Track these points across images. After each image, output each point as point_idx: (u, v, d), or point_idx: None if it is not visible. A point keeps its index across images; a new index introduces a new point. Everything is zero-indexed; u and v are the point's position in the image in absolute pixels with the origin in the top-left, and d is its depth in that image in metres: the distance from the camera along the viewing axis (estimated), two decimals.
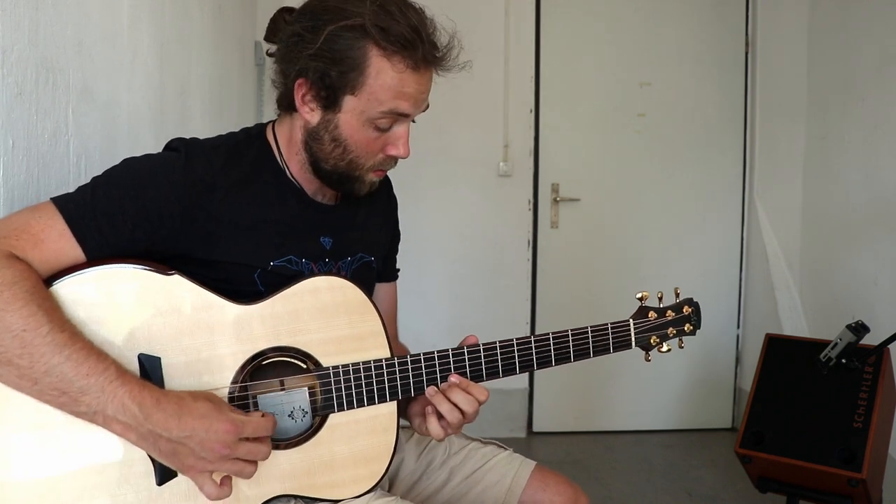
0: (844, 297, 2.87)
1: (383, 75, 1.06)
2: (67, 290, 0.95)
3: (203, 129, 2.02)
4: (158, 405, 0.91)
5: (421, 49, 1.06)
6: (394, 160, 1.16)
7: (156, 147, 1.20)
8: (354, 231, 1.24)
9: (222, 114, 2.31)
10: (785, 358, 2.20)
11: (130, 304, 0.98)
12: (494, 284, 3.45)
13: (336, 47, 1.05)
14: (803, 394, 2.10)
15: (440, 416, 1.14)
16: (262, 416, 0.99)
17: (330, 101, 1.08)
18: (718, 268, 3.56)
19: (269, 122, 1.22)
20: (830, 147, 3.06)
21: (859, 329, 1.94)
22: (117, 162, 1.07)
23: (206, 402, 0.95)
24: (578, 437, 3.47)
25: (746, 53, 3.49)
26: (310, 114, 1.11)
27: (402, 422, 1.19)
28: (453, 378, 1.14)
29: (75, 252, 0.97)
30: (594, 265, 3.52)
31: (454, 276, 3.44)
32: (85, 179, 1.21)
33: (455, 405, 1.13)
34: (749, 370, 3.36)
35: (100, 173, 1.05)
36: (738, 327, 3.58)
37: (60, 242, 0.96)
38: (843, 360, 1.98)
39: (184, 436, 0.92)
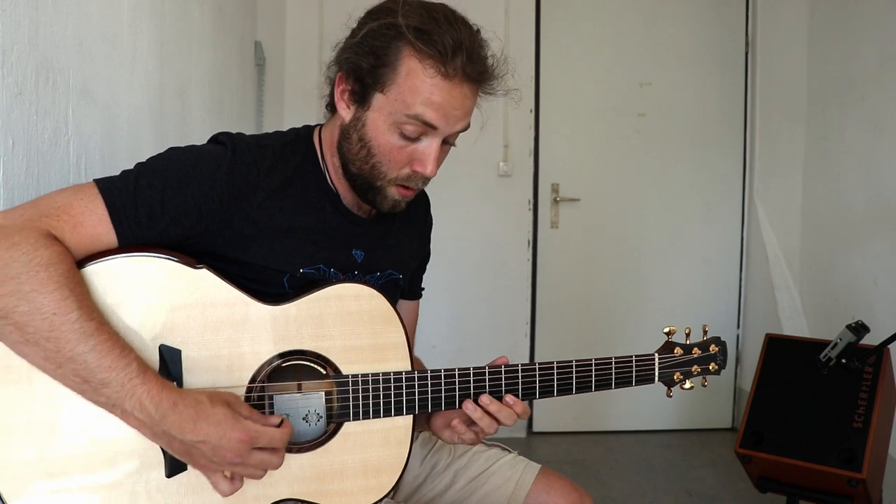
0: (844, 297, 2.87)
1: (413, 77, 1.04)
2: (97, 274, 0.95)
3: (203, 129, 2.02)
4: (175, 408, 0.91)
5: (457, 60, 1.04)
6: (421, 178, 1.12)
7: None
8: (386, 247, 1.24)
9: (222, 114, 2.31)
10: (785, 358, 2.19)
11: (156, 294, 0.98)
12: (494, 284, 3.45)
13: (373, 42, 1.05)
14: (803, 394, 2.10)
15: (471, 423, 1.15)
16: (281, 422, 0.98)
17: (361, 96, 1.08)
18: (718, 268, 3.56)
19: (317, 125, 1.21)
20: (830, 147, 3.06)
21: (859, 329, 1.94)
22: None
23: (223, 406, 0.94)
24: (578, 437, 3.47)
25: (746, 53, 3.49)
26: (345, 110, 1.11)
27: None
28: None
29: (110, 238, 0.97)
30: (594, 265, 3.52)
31: (454, 276, 3.43)
32: (85, 179, 1.21)
33: (496, 419, 1.14)
34: (749, 370, 3.36)
35: (144, 159, 1.05)
36: (738, 327, 3.58)
37: (98, 228, 0.96)
38: (843, 360, 1.98)
39: (197, 440, 0.91)
